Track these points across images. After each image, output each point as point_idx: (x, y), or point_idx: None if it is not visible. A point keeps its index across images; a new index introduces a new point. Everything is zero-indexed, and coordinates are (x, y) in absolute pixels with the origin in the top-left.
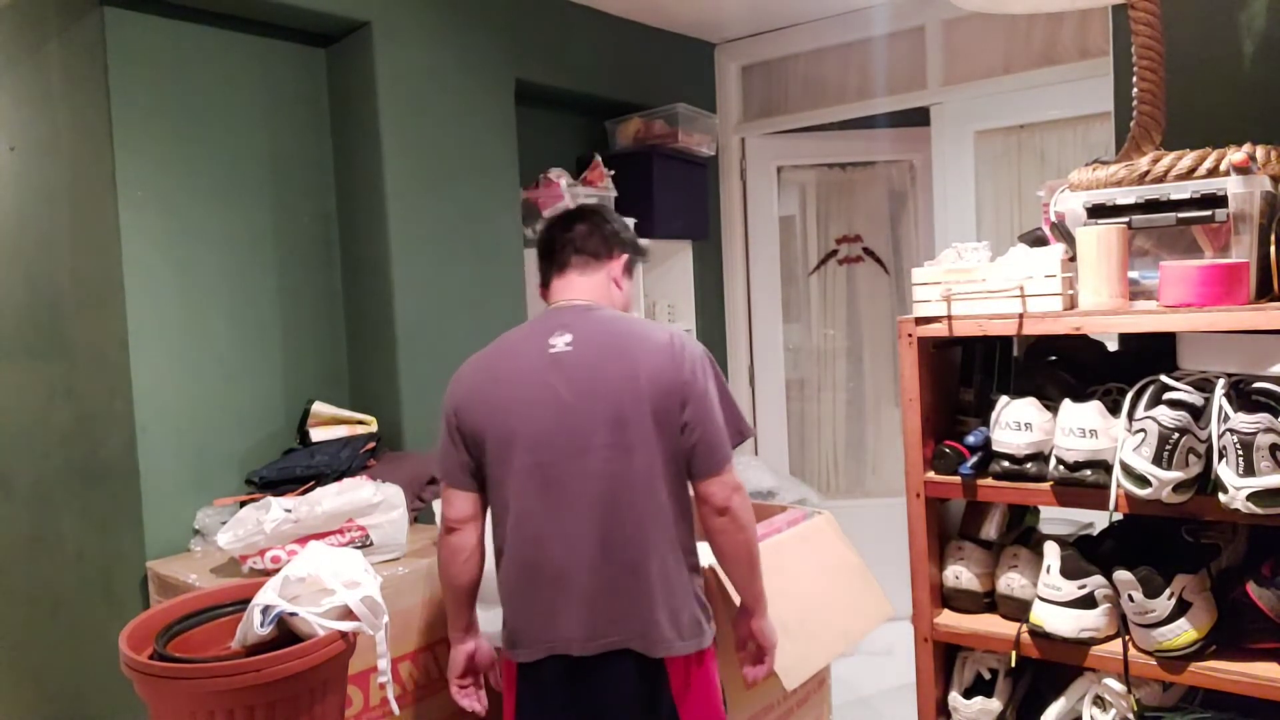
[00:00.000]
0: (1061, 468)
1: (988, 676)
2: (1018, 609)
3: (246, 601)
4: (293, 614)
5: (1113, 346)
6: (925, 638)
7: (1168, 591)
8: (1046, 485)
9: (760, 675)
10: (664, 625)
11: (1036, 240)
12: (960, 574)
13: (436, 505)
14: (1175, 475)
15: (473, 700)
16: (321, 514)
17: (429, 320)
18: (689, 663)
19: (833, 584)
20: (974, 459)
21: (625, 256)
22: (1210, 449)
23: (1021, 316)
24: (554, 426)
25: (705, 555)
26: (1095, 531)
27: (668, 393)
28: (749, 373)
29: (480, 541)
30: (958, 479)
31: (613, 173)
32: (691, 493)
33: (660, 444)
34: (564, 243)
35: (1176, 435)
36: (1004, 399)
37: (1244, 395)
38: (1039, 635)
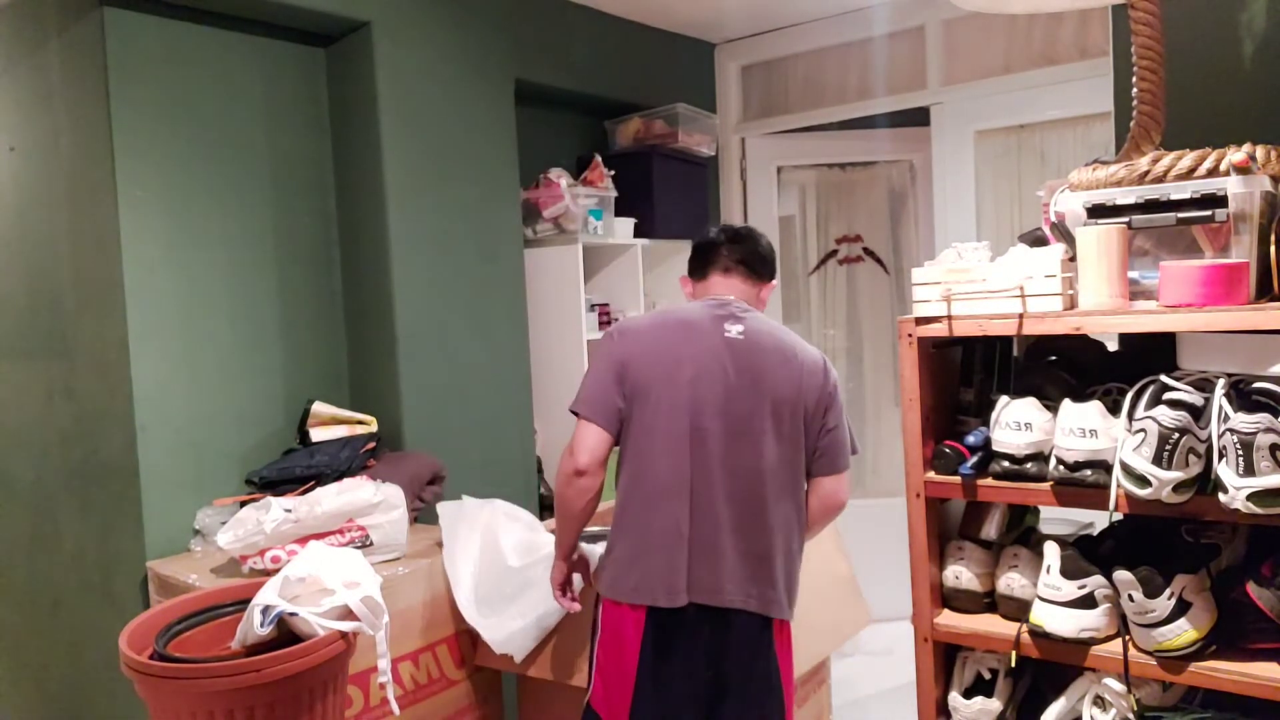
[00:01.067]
0: (1061, 468)
1: (988, 676)
2: (1018, 609)
3: (246, 601)
4: (293, 614)
5: (1113, 346)
6: (925, 638)
7: (1168, 591)
8: (1046, 485)
9: None
10: (781, 592)
11: (1036, 240)
12: (960, 574)
13: (441, 506)
14: (1175, 475)
15: (572, 603)
16: (321, 514)
17: (429, 320)
18: (784, 625)
19: (818, 587)
20: (974, 459)
21: (774, 283)
22: (1210, 449)
23: (1021, 316)
24: (722, 401)
25: None
26: (1095, 531)
27: (818, 400)
28: None
29: (602, 485)
30: (958, 479)
31: (613, 173)
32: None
33: (804, 440)
34: (731, 250)
35: (1176, 435)
36: (1004, 399)
37: (1244, 395)
38: (1039, 635)
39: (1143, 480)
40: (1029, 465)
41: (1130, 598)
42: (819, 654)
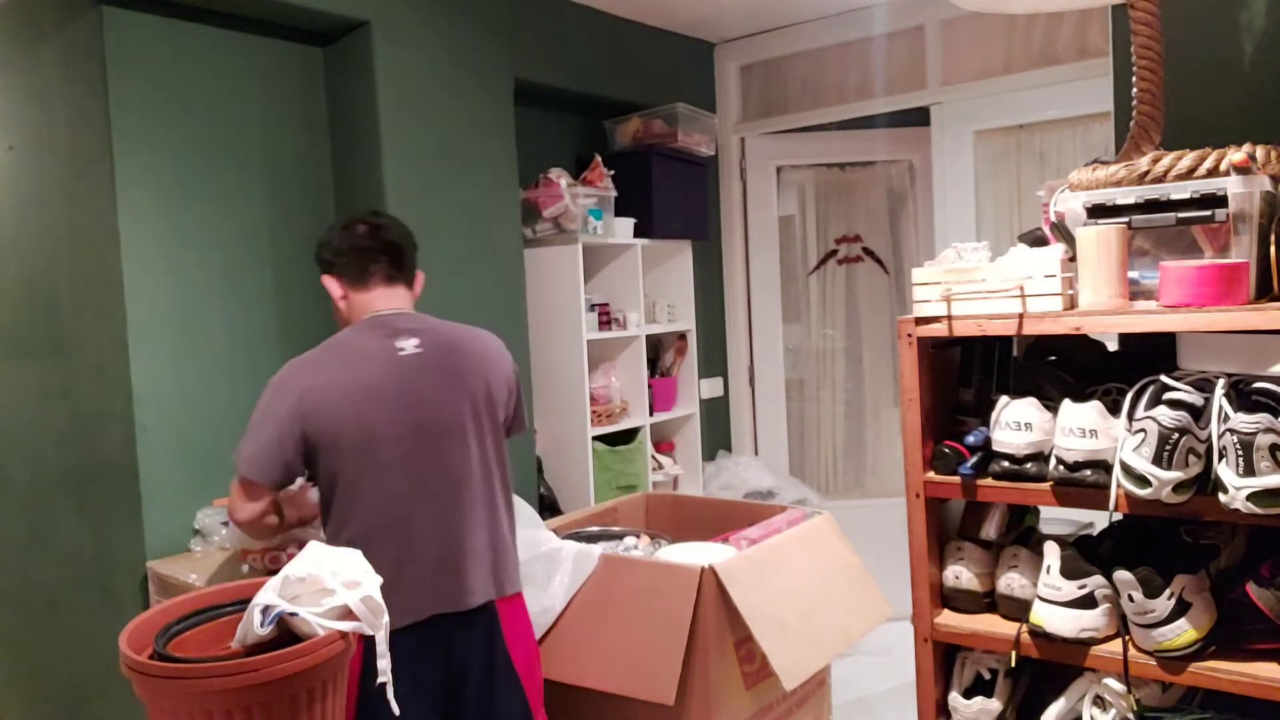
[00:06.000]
0: (1061, 468)
1: (988, 676)
2: (1018, 609)
3: (246, 601)
4: (293, 614)
5: (1113, 346)
6: (925, 638)
7: (1168, 591)
8: (1046, 485)
9: None
10: (511, 570)
11: (1036, 240)
12: (960, 574)
13: None
14: (1175, 475)
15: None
16: None
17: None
18: (511, 601)
19: (832, 585)
20: (974, 459)
21: (422, 275)
22: (1210, 449)
23: (1021, 316)
24: (421, 419)
25: (693, 555)
26: (1095, 531)
27: (503, 381)
28: (749, 373)
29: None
30: (958, 479)
31: (612, 172)
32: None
33: (501, 423)
34: (391, 259)
35: (1176, 435)
36: (1004, 399)
37: (1244, 395)
38: (1039, 635)
39: (1143, 480)
40: (1029, 465)
41: (1130, 598)
42: (828, 656)
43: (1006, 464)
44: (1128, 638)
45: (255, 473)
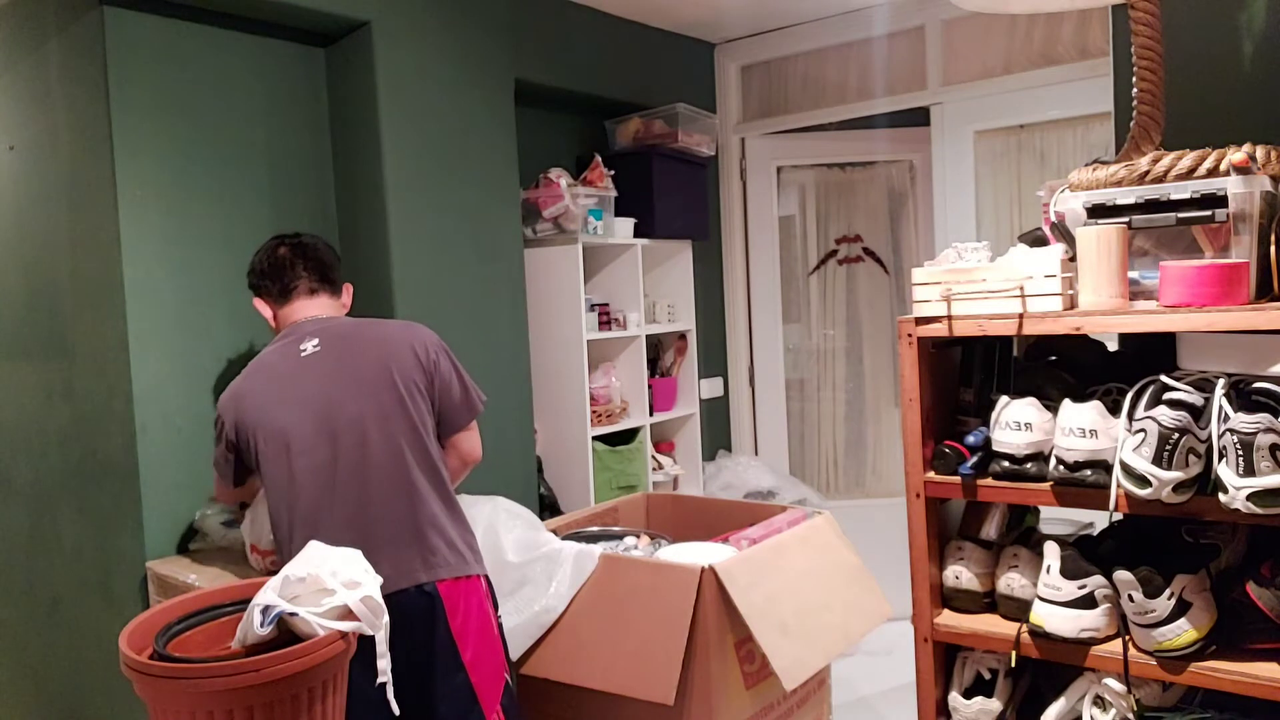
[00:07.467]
0: (1061, 468)
1: (988, 676)
2: (1018, 609)
3: (246, 601)
4: (293, 614)
5: (1113, 346)
6: (925, 638)
7: (1168, 591)
8: (1046, 485)
9: None
10: (447, 553)
11: (1036, 240)
12: (960, 574)
13: None
14: (1175, 475)
15: None
16: None
17: (429, 320)
18: (457, 585)
19: (832, 585)
20: (974, 459)
21: (348, 285)
22: (1210, 449)
23: (1021, 316)
24: (323, 415)
25: (693, 555)
26: (1095, 531)
27: (411, 366)
28: (749, 373)
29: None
30: (958, 479)
31: (613, 173)
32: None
33: (423, 410)
34: (310, 273)
35: (1176, 435)
36: (1004, 399)
37: (1244, 395)
38: (1039, 635)
39: (1143, 480)
40: (1029, 465)
41: (1130, 598)
42: (828, 656)
43: (1006, 464)
44: (1128, 638)
45: (219, 473)
